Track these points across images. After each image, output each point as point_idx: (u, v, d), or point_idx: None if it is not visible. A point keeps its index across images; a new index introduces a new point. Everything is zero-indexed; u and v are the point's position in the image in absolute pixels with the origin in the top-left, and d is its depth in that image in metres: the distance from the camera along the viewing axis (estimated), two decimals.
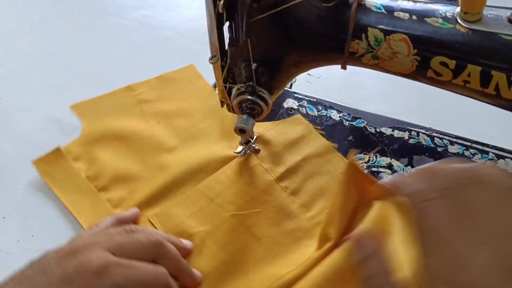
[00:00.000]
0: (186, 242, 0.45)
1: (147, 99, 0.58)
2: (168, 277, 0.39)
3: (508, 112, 0.39)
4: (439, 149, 0.53)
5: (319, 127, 0.54)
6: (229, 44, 0.42)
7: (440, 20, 0.36)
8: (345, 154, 0.53)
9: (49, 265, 0.36)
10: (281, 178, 0.49)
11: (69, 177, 0.50)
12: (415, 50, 0.37)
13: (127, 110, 0.57)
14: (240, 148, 0.52)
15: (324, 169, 0.50)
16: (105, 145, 0.54)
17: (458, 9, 0.36)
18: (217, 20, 0.38)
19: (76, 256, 0.36)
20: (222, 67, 0.43)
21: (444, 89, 0.39)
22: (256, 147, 0.52)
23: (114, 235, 0.39)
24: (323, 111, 0.57)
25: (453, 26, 0.36)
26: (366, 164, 0.52)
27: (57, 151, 0.52)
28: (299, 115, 0.55)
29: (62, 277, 0.35)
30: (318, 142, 0.53)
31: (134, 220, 0.47)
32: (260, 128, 0.53)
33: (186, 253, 0.44)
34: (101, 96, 0.58)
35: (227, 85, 0.45)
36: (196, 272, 0.43)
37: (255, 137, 0.53)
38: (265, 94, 0.43)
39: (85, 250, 0.36)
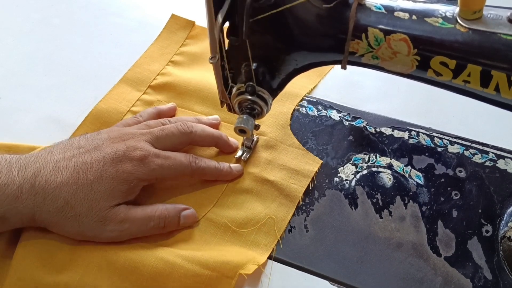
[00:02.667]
0: (213, 118, 0.55)
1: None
2: (197, 163, 0.48)
3: (508, 112, 0.39)
4: (439, 149, 0.53)
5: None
6: (229, 44, 0.42)
7: (440, 20, 0.36)
8: (344, 154, 0.53)
9: (103, 143, 0.45)
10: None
11: None
12: (415, 50, 0.37)
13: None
14: (240, 152, 0.52)
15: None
16: None
17: (458, 9, 0.36)
18: (217, 20, 0.38)
19: (125, 142, 0.45)
20: (222, 67, 0.43)
21: (444, 89, 0.39)
22: (255, 138, 0.53)
23: (153, 128, 0.48)
24: (323, 111, 0.57)
25: (453, 26, 0.36)
26: (366, 164, 0.52)
27: None
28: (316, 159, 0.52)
29: (113, 156, 0.44)
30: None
31: (171, 113, 0.56)
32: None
33: (216, 125, 0.54)
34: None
35: (230, 83, 0.45)
36: (232, 140, 0.52)
37: (255, 138, 0.53)
38: (265, 94, 0.43)
39: (132, 139, 0.46)
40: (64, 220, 0.42)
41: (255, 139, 0.53)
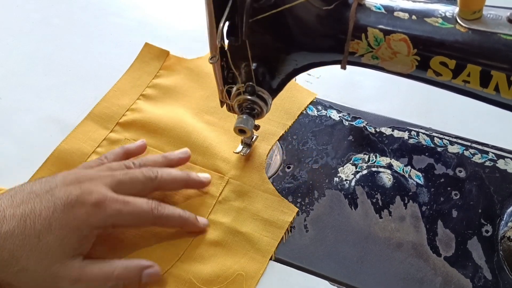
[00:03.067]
0: (181, 152, 0.51)
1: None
2: (160, 210, 0.43)
3: (508, 112, 0.39)
4: (439, 149, 0.53)
5: None
6: (229, 44, 0.42)
7: (440, 20, 0.36)
8: (344, 154, 0.53)
9: (56, 186, 0.41)
10: None
11: None
12: (415, 50, 0.37)
13: None
14: (240, 147, 0.52)
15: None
16: None
17: (458, 9, 0.36)
18: (217, 20, 0.38)
19: (80, 185, 0.41)
20: (222, 67, 0.43)
21: (444, 89, 0.39)
22: (254, 136, 0.52)
23: (116, 171, 0.45)
24: (323, 111, 0.57)
25: (453, 26, 0.36)
26: (366, 164, 0.52)
27: None
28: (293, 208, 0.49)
29: (65, 201, 0.40)
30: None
31: (140, 152, 0.52)
32: None
33: (186, 159, 0.51)
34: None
35: (235, 81, 0.45)
36: (203, 175, 0.49)
37: (254, 137, 0.53)
38: (265, 94, 0.43)
39: (89, 182, 0.42)
40: (12, 276, 0.38)
41: (255, 137, 0.53)
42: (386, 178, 0.51)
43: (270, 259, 0.46)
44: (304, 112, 0.57)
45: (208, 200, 0.49)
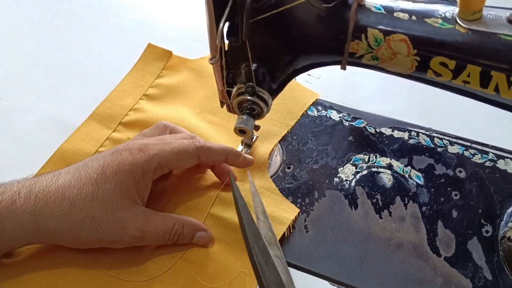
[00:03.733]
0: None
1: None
2: (201, 141, 0.46)
3: (508, 112, 0.39)
4: (439, 149, 0.53)
5: None
6: (229, 44, 0.42)
7: (440, 21, 0.36)
8: (344, 154, 0.53)
9: (100, 153, 0.44)
10: None
11: None
12: (415, 51, 0.37)
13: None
14: (240, 147, 0.52)
15: None
16: None
17: (458, 9, 0.36)
18: (217, 20, 0.38)
19: (123, 145, 0.44)
20: (222, 68, 0.43)
21: (444, 89, 0.39)
22: (255, 136, 0.52)
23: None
24: (323, 111, 0.57)
25: (452, 26, 0.36)
26: (366, 165, 0.52)
27: None
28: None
29: (113, 151, 0.43)
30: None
31: (177, 131, 0.51)
32: None
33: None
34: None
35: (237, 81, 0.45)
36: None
37: (254, 137, 0.53)
38: (265, 95, 0.43)
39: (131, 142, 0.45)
40: (76, 225, 0.39)
41: (255, 137, 0.53)
42: (386, 178, 0.51)
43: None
44: (305, 112, 0.57)
45: (211, 193, 0.50)
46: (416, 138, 0.54)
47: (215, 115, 0.56)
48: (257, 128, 0.49)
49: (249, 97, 0.43)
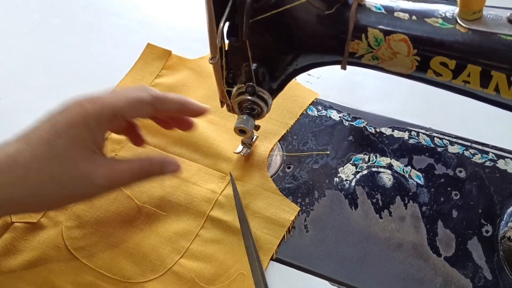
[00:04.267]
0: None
1: None
2: (157, 91, 0.43)
3: (508, 112, 0.39)
4: (439, 149, 0.53)
5: None
6: (229, 44, 0.42)
7: (440, 21, 0.36)
8: (345, 154, 0.53)
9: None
10: None
11: None
12: (415, 50, 0.37)
13: None
14: (240, 147, 0.52)
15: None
16: None
17: (458, 9, 0.36)
18: (217, 20, 0.38)
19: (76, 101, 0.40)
20: (222, 67, 0.43)
21: (444, 89, 0.39)
22: (255, 136, 0.52)
23: None
24: (323, 111, 0.57)
25: (453, 26, 0.36)
26: (366, 164, 0.52)
27: None
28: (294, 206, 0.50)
29: (61, 107, 0.39)
30: None
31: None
32: None
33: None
34: None
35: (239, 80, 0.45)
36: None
37: (254, 137, 0.53)
38: (265, 95, 0.43)
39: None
40: (35, 188, 0.37)
41: (255, 137, 0.53)
42: (386, 178, 0.51)
43: (272, 258, 0.46)
44: (304, 112, 0.57)
45: (210, 196, 0.50)
46: (416, 138, 0.54)
47: (214, 115, 0.56)
48: (257, 128, 0.49)
49: (249, 97, 0.43)
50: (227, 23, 0.39)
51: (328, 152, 0.53)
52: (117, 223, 0.48)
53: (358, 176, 0.51)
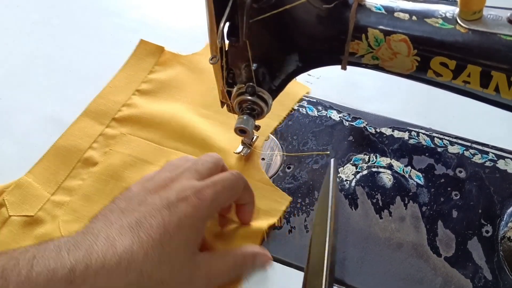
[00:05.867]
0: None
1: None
2: (241, 175, 0.43)
3: (508, 112, 0.39)
4: (439, 149, 0.53)
5: None
6: (229, 44, 0.42)
7: (440, 21, 0.36)
8: (345, 154, 0.53)
9: (145, 199, 0.38)
10: None
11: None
12: (415, 51, 0.37)
13: None
14: (240, 147, 0.52)
15: None
16: None
17: (458, 9, 0.36)
18: (217, 20, 0.38)
19: (170, 187, 0.39)
20: (222, 67, 0.43)
21: (444, 89, 0.39)
22: (255, 136, 0.52)
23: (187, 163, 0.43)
24: (323, 111, 0.57)
25: (453, 26, 0.36)
26: (366, 165, 0.52)
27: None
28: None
29: (167, 203, 0.37)
30: None
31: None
32: None
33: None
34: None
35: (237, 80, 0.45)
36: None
37: (255, 137, 0.53)
38: (265, 95, 0.43)
39: (174, 182, 0.40)
40: None
41: (255, 137, 0.53)
42: (386, 178, 0.51)
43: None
44: (304, 112, 0.57)
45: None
46: (416, 138, 0.54)
47: (208, 109, 0.57)
48: (257, 128, 0.49)
49: (249, 97, 0.43)
50: (227, 23, 0.39)
51: (328, 152, 0.53)
52: None
53: (358, 176, 0.51)
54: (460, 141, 0.53)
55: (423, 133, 0.54)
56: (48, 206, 0.49)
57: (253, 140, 0.52)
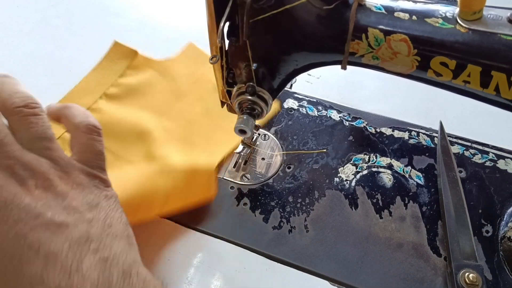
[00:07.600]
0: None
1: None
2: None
3: (508, 112, 0.39)
4: None
5: None
6: (229, 44, 0.42)
7: (440, 21, 0.36)
8: (345, 154, 0.53)
9: None
10: None
11: None
12: (415, 50, 0.37)
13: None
14: (240, 147, 0.52)
15: None
16: None
17: (458, 9, 0.36)
18: (217, 20, 0.38)
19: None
20: (222, 67, 0.43)
21: (444, 89, 0.39)
22: (255, 136, 0.53)
23: None
24: (323, 111, 0.57)
25: (453, 26, 0.36)
26: (366, 165, 0.52)
27: None
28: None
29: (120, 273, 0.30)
30: None
31: None
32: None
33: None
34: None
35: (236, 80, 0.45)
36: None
37: (255, 136, 0.53)
38: (265, 95, 0.43)
39: None
40: None
41: (255, 137, 0.53)
42: (387, 178, 0.51)
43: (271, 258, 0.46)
44: (304, 112, 0.57)
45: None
46: (416, 138, 0.54)
47: (172, 121, 0.55)
48: (257, 128, 0.49)
49: (249, 97, 0.43)
50: (227, 23, 0.39)
51: (325, 150, 0.53)
52: None
53: (358, 176, 0.51)
54: (460, 141, 0.53)
55: (423, 133, 0.54)
56: None
57: (253, 140, 0.52)
